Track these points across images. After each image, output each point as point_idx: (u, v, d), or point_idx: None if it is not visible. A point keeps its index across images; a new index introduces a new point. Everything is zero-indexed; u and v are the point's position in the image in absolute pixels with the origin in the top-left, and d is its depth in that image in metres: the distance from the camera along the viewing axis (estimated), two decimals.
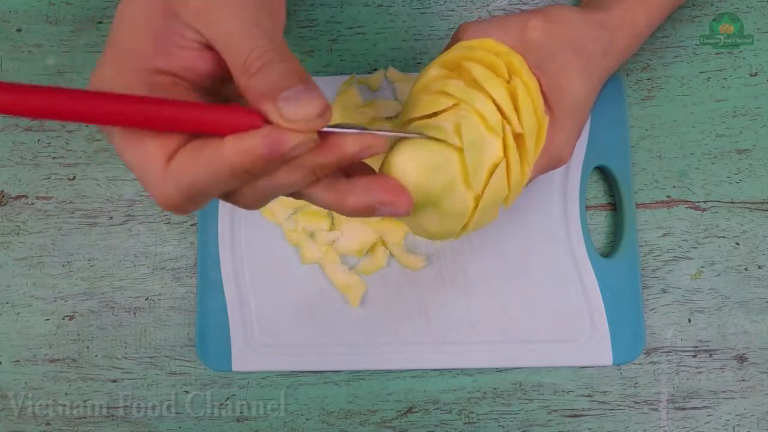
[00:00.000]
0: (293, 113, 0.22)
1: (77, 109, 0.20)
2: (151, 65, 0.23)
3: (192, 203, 0.24)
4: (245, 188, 0.24)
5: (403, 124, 0.33)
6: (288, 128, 0.22)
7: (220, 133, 0.22)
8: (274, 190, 0.25)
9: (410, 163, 0.29)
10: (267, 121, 0.22)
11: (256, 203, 0.26)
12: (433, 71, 0.33)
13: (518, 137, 0.31)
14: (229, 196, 0.25)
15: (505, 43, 0.34)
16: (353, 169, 0.29)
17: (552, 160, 0.35)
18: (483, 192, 0.31)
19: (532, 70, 0.34)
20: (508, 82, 0.32)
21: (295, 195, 0.26)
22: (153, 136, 0.23)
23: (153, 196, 0.24)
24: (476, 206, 0.31)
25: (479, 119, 0.30)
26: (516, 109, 0.31)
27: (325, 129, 0.23)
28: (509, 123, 0.31)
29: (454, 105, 0.31)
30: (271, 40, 0.23)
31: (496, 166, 0.31)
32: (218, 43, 0.23)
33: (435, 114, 0.31)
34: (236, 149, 0.22)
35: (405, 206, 0.28)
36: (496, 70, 0.32)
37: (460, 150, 0.30)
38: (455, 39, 0.36)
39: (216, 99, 0.26)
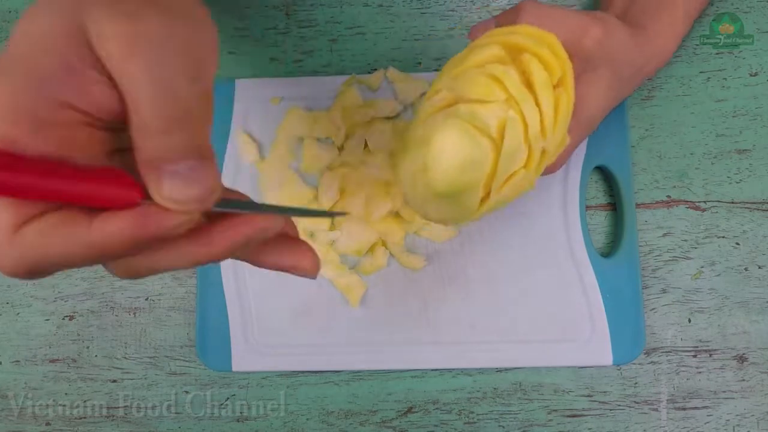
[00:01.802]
0: (172, 191, 0.19)
1: None
2: (62, 98, 0.19)
3: (39, 275, 0.21)
4: (112, 263, 0.22)
5: (451, 99, 0.31)
6: (165, 207, 0.19)
7: (88, 204, 0.20)
8: (150, 269, 0.22)
9: (451, 147, 0.29)
10: (147, 195, 0.20)
11: (127, 275, 0.22)
12: (493, 49, 0.31)
13: (543, 150, 0.31)
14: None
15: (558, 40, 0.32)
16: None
17: (548, 166, 0.35)
18: (491, 196, 0.30)
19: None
20: (555, 88, 0.30)
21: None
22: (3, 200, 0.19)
23: None
24: (480, 206, 0.31)
25: (523, 127, 0.29)
26: (554, 122, 0.30)
27: (215, 209, 0.21)
28: (544, 137, 0.30)
29: (505, 100, 0.30)
30: (181, 106, 0.19)
31: (514, 175, 0.30)
32: (126, 95, 0.19)
33: (485, 102, 0.30)
34: (101, 231, 0.19)
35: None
36: (551, 73, 0.30)
37: (497, 153, 0.29)
38: (514, 13, 0.34)
39: (123, 137, 0.21)
